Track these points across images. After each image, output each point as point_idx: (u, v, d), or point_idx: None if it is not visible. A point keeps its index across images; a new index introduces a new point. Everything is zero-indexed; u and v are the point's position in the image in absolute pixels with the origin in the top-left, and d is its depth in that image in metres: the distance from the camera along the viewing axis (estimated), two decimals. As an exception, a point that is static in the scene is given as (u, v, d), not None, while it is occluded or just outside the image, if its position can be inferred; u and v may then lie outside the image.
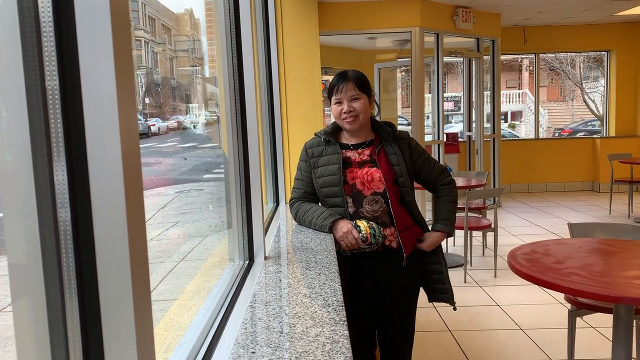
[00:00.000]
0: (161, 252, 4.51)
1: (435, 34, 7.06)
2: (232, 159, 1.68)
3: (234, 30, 1.69)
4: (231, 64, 1.68)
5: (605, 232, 2.94)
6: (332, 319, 1.22)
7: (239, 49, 1.70)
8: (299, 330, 1.18)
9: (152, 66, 9.48)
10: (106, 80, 0.54)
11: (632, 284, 2.07)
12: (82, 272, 0.57)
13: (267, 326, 1.22)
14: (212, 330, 1.24)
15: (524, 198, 8.79)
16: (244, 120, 1.71)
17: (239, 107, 1.69)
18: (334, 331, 1.16)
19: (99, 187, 0.56)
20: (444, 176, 2.28)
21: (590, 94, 19.52)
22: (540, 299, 4.10)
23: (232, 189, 1.71)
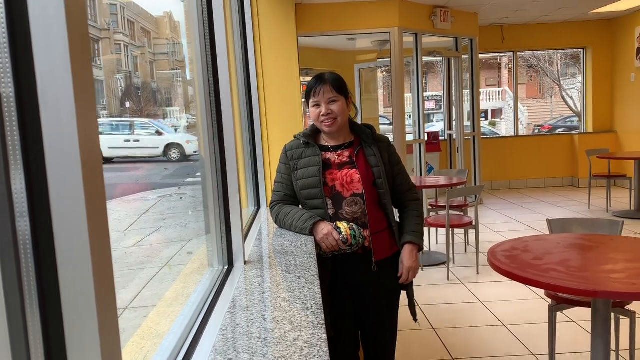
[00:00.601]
0: (143, 258, 4.47)
1: (414, 34, 7.10)
2: (208, 162, 1.66)
3: (207, 32, 1.68)
4: (206, 66, 1.67)
5: (583, 227, 2.97)
6: (311, 323, 1.22)
7: (214, 52, 1.68)
8: (277, 335, 1.17)
9: (132, 70, 9.34)
10: (64, 87, 0.53)
11: (609, 278, 2.09)
12: (44, 284, 0.56)
13: (245, 332, 1.20)
14: (190, 337, 1.22)
15: (505, 195, 8.87)
16: (220, 124, 1.69)
17: (215, 110, 1.68)
18: (312, 335, 1.15)
19: (59, 195, 0.55)
20: (413, 192, 2.28)
21: (568, 91, 19.81)
22: (521, 295, 4.14)
23: (210, 193, 1.69)
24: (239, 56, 2.77)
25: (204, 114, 1.66)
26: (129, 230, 5.07)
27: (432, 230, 5.97)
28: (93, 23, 9.19)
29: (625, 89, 9.01)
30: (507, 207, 7.77)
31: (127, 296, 3.22)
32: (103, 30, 8.83)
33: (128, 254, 4.35)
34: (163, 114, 9.46)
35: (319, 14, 6.74)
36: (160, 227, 5.79)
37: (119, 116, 8.83)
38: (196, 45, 1.66)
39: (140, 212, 5.81)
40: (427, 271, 4.93)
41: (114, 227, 5.06)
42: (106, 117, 8.58)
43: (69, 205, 0.55)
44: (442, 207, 5.26)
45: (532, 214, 7.19)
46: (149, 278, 3.75)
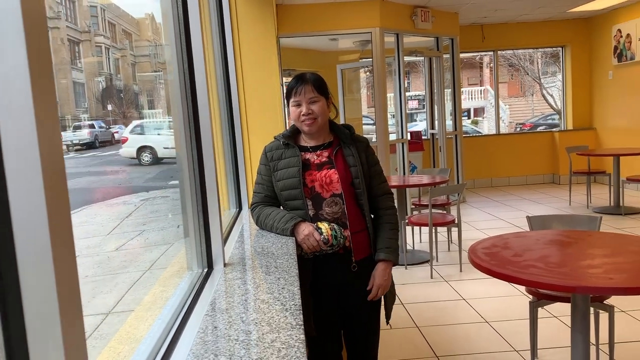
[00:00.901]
0: (126, 262, 4.42)
1: (395, 34, 7.14)
2: (185, 165, 1.65)
3: (183, 33, 1.67)
4: (182, 67, 1.66)
5: (562, 224, 3.01)
6: (289, 324, 1.21)
7: (189, 52, 1.67)
8: (255, 337, 1.16)
9: (113, 72, 9.28)
10: (21, 91, 0.52)
11: (587, 273, 2.12)
12: (5, 294, 0.55)
13: (223, 334, 1.20)
14: (167, 340, 1.21)
15: (487, 192, 8.95)
16: (197, 125, 1.68)
17: (191, 112, 1.67)
18: (290, 336, 1.14)
19: (19, 203, 0.54)
20: (387, 198, 2.24)
21: (549, 89, 20.05)
22: (504, 292, 4.18)
23: (188, 196, 1.68)
24: (217, 58, 2.76)
25: (181, 116, 1.65)
26: (111, 234, 5.02)
27: (415, 229, 6.01)
28: (73, 25, 9.07)
29: (604, 86, 9.15)
30: (490, 205, 7.85)
31: (111, 301, 3.18)
32: (83, 33, 8.72)
33: (111, 258, 4.31)
34: (150, 116, 9.37)
35: (300, 14, 6.74)
36: (144, 230, 5.74)
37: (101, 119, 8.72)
38: (172, 46, 1.65)
39: (123, 215, 5.76)
40: (411, 270, 4.95)
41: (96, 232, 5.01)
42: (88, 120, 8.48)
43: (30, 213, 0.54)
44: (425, 206, 5.29)
45: (514, 211, 7.26)
46: (132, 282, 3.72)
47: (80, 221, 5.03)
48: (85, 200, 5.90)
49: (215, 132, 2.67)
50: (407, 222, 5.05)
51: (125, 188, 7.09)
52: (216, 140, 2.62)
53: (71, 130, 8.37)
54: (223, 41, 2.83)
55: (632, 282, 2.03)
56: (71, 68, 8.44)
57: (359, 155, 2.17)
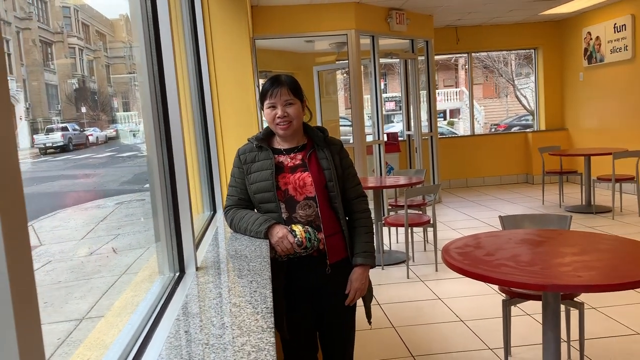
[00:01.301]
0: (100, 267, 4.36)
1: (371, 36, 7.18)
2: (156, 168, 1.64)
3: (153, 34, 1.65)
4: (151, 69, 1.64)
5: (534, 223, 3.06)
6: (260, 327, 1.21)
7: (159, 53, 1.66)
8: (225, 340, 1.16)
9: (87, 74, 9.11)
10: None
11: (558, 272, 2.16)
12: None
13: (193, 339, 1.19)
14: (136, 346, 1.20)
15: (462, 193, 9.06)
16: (168, 127, 1.67)
17: (162, 114, 1.65)
18: (260, 339, 1.14)
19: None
20: (361, 200, 2.25)
21: (522, 90, 20.36)
22: (478, 290, 4.23)
23: (159, 199, 1.66)
24: (190, 59, 2.74)
25: (150, 117, 1.63)
26: (85, 239, 4.94)
27: (392, 230, 6.04)
28: (45, 26, 8.90)
29: (575, 88, 9.34)
30: (465, 205, 7.94)
31: (84, 306, 3.13)
32: (56, 34, 8.58)
33: (84, 263, 4.24)
34: (125, 118, 9.24)
35: (275, 16, 6.73)
36: (118, 234, 5.66)
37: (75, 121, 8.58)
38: (141, 47, 1.64)
39: (97, 219, 5.67)
40: (387, 270, 4.98)
41: (69, 236, 4.93)
42: (61, 123, 8.33)
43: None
44: (402, 207, 5.32)
45: (489, 211, 7.36)
46: (107, 287, 3.67)
47: (53, 225, 4.94)
48: (59, 204, 5.79)
49: (188, 134, 2.65)
50: (384, 223, 5.08)
51: (100, 191, 6.99)
52: (188, 142, 2.60)
53: (44, 133, 8.20)
54: (196, 42, 2.82)
55: (600, 279, 2.07)
56: (43, 70, 8.27)
57: (333, 157, 2.17)
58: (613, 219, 6.49)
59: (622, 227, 6.07)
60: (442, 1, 7.23)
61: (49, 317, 2.76)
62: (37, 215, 4.66)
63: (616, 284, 2.02)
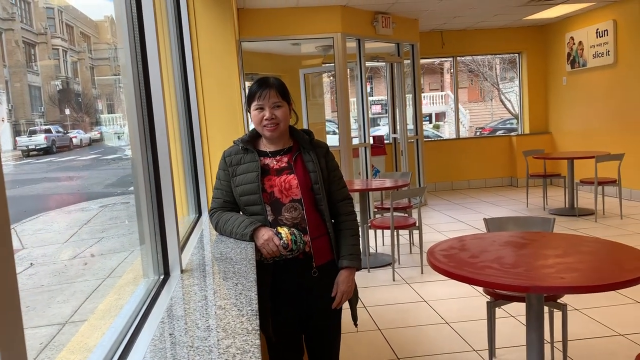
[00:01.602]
0: (85, 270, 4.31)
1: (357, 39, 7.20)
2: (140, 171, 1.63)
3: (138, 37, 1.65)
4: (136, 71, 1.63)
5: (518, 225, 3.09)
6: (245, 329, 1.21)
7: (144, 56, 1.65)
8: (210, 343, 1.15)
9: (71, 76, 9.07)
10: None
11: (541, 273, 2.19)
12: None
13: (177, 341, 1.18)
14: (120, 349, 1.19)
15: (448, 195, 9.11)
16: (152, 130, 1.66)
17: (146, 116, 1.65)
18: (245, 341, 1.14)
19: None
20: (347, 203, 2.25)
21: (507, 94, 20.58)
22: (463, 292, 4.26)
23: (143, 202, 1.65)
24: (175, 61, 2.73)
25: (135, 120, 1.62)
26: (69, 242, 4.89)
27: (378, 232, 6.06)
28: (29, 27, 8.80)
29: (558, 92, 9.45)
30: (450, 208, 7.99)
31: (68, 310, 3.09)
32: (40, 35, 8.49)
33: (68, 267, 4.20)
34: (109, 120, 9.15)
35: (262, 18, 6.73)
36: (102, 237, 5.61)
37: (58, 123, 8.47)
38: (126, 49, 1.63)
39: (81, 222, 5.61)
40: (373, 272, 4.99)
41: (53, 239, 4.86)
42: (44, 125, 8.23)
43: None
44: (388, 209, 5.34)
45: (474, 214, 7.41)
46: (90, 291, 3.63)
47: (35, 229, 4.87)
48: (42, 207, 5.72)
49: (173, 136, 2.64)
50: (370, 226, 5.09)
51: (84, 194, 6.91)
52: (173, 144, 2.59)
53: (26, 135, 8.09)
54: (181, 44, 2.81)
55: (583, 281, 2.10)
56: (27, 71, 8.17)
57: (319, 160, 2.18)
58: (596, 221, 6.57)
59: (605, 229, 6.15)
60: (428, 5, 7.28)
61: (31, 321, 2.73)
62: (19, 218, 4.60)
63: (598, 285, 2.05)
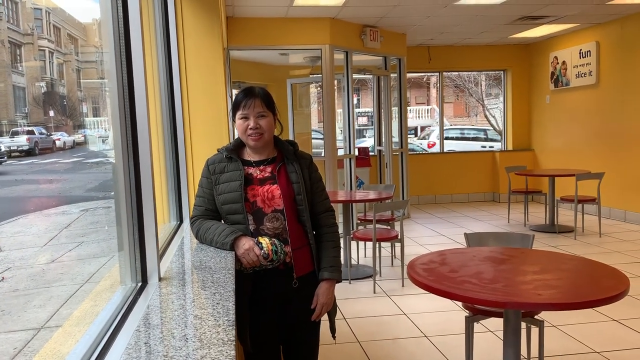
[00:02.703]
0: (62, 275, 4.25)
1: (345, 51, 7.25)
2: (121, 176, 1.61)
3: (123, 41, 1.64)
4: (120, 76, 1.63)
5: (498, 241, 3.12)
6: (221, 340, 1.20)
7: (129, 61, 1.64)
8: (184, 353, 1.14)
9: (56, 77, 8.99)
10: None
11: (519, 289, 2.20)
12: None
13: (152, 350, 1.17)
14: (93, 357, 1.17)
15: (431, 209, 9.16)
16: (135, 135, 1.65)
17: (129, 121, 1.63)
18: (220, 352, 1.13)
19: None
20: (329, 215, 2.26)
21: (491, 110, 20.81)
22: (442, 306, 4.27)
23: (123, 207, 1.64)
24: (161, 66, 2.72)
25: (118, 124, 1.61)
26: (48, 246, 4.81)
27: (360, 244, 6.07)
28: (15, 27, 8.72)
29: (542, 110, 9.59)
30: (433, 221, 8.03)
31: (44, 315, 3.04)
32: (26, 35, 8.42)
33: (46, 271, 4.13)
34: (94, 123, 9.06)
35: (251, 27, 6.75)
36: (82, 242, 5.54)
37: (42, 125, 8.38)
38: (111, 53, 1.62)
39: (61, 226, 5.54)
40: (354, 284, 4.99)
41: (31, 243, 4.79)
42: (27, 126, 8.13)
43: None
44: (371, 221, 5.35)
45: (456, 228, 7.46)
46: (68, 296, 3.57)
47: (14, 231, 4.79)
48: (21, 209, 5.63)
49: (156, 142, 2.63)
50: (352, 237, 5.09)
51: (65, 197, 6.82)
52: (156, 150, 2.57)
53: (9, 136, 7.97)
54: (168, 50, 2.80)
55: (560, 298, 2.12)
56: (11, 71, 8.08)
57: (302, 171, 2.18)
58: (575, 239, 6.66)
59: (584, 247, 6.23)
60: (416, 20, 7.36)
61: (4, 325, 2.68)
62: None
63: (575, 302, 2.07)
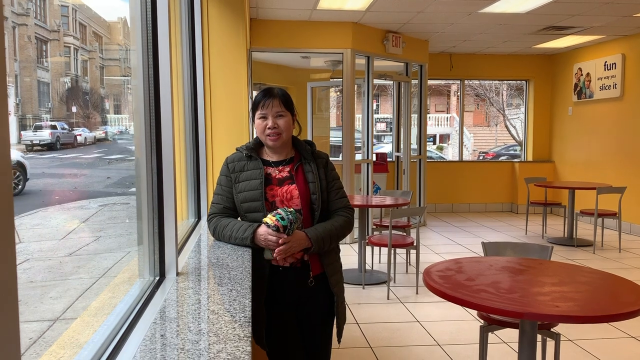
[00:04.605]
0: (79, 268, 4.31)
1: (366, 56, 7.25)
2: (144, 173, 1.64)
3: (151, 39, 1.67)
4: (147, 73, 1.65)
5: (516, 251, 3.09)
6: (237, 335, 1.21)
7: (156, 58, 1.67)
8: (201, 346, 1.15)
9: (80, 74, 9.08)
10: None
11: (536, 300, 2.18)
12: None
13: (169, 343, 1.18)
14: (111, 347, 1.19)
15: (448, 217, 9.10)
16: (159, 133, 1.67)
17: (154, 119, 1.66)
18: (236, 347, 1.14)
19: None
20: (348, 209, 2.23)
21: (512, 120, 20.64)
22: (457, 315, 4.24)
23: (144, 203, 1.66)
24: (186, 65, 2.75)
25: (142, 121, 1.63)
26: (66, 239, 4.89)
27: (375, 249, 6.05)
28: (42, 23, 8.90)
29: (563, 121, 9.48)
30: (449, 230, 7.97)
31: (59, 307, 3.09)
32: (52, 32, 8.58)
33: (63, 263, 4.19)
34: (116, 120, 9.20)
35: (274, 29, 6.79)
36: (100, 236, 5.61)
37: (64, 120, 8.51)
38: (138, 51, 1.65)
39: (80, 220, 5.62)
40: (368, 289, 4.97)
41: (50, 235, 4.87)
42: (50, 121, 8.26)
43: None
44: (386, 227, 5.34)
45: (472, 237, 7.40)
46: (84, 289, 3.62)
47: (33, 224, 4.88)
48: (41, 202, 5.72)
49: (178, 139, 2.66)
50: (368, 242, 5.08)
51: (84, 192, 6.92)
52: (178, 148, 2.60)
53: (32, 130, 8.10)
54: (192, 49, 2.83)
55: (577, 310, 2.09)
56: (37, 67, 8.22)
57: (318, 170, 2.19)
58: (594, 253, 6.56)
59: (602, 261, 6.13)
60: (439, 28, 7.34)
61: (21, 315, 2.73)
62: (18, 212, 4.60)
63: (593, 316, 2.04)
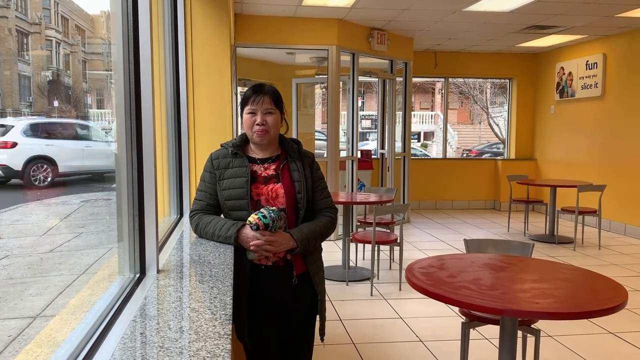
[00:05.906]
0: (60, 265, 4.26)
1: (352, 53, 7.25)
2: (124, 169, 1.62)
3: (132, 33, 1.64)
4: (127, 67, 1.63)
5: (497, 248, 3.12)
6: (217, 333, 1.20)
7: (137, 54, 1.64)
8: (180, 344, 1.14)
9: (62, 68, 8.99)
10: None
11: (517, 297, 2.20)
12: None
13: (148, 341, 1.17)
14: (89, 345, 1.17)
15: (431, 214, 9.16)
16: (139, 128, 1.65)
17: (134, 114, 1.64)
18: (216, 345, 1.13)
19: None
20: (332, 209, 2.24)
21: (495, 118, 20.82)
22: (439, 312, 4.27)
23: (124, 199, 1.64)
24: (168, 60, 2.72)
25: (123, 116, 1.61)
26: (47, 235, 4.82)
27: (358, 246, 6.06)
28: (23, 16, 8.75)
29: (546, 120, 9.59)
30: (433, 227, 8.03)
31: (40, 303, 3.05)
32: (33, 25, 8.43)
33: (44, 260, 4.14)
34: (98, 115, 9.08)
35: (259, 25, 6.76)
36: (81, 232, 5.54)
37: (45, 115, 8.39)
38: (119, 45, 1.62)
39: (61, 216, 5.54)
40: (352, 286, 4.99)
41: (30, 231, 4.79)
42: (31, 115, 8.15)
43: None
44: (370, 224, 5.35)
45: (455, 234, 7.45)
46: (64, 285, 3.58)
47: (13, 219, 4.80)
48: (21, 198, 5.63)
49: (160, 135, 2.63)
50: (351, 239, 5.09)
51: (65, 188, 6.82)
52: (160, 144, 2.57)
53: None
54: (175, 44, 2.80)
55: (557, 307, 2.12)
56: (18, 60, 8.09)
57: (304, 169, 2.18)
58: (574, 250, 6.65)
59: (582, 258, 6.22)
60: (424, 25, 7.37)
61: (0, 313, 2.68)
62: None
63: (572, 312, 2.06)
